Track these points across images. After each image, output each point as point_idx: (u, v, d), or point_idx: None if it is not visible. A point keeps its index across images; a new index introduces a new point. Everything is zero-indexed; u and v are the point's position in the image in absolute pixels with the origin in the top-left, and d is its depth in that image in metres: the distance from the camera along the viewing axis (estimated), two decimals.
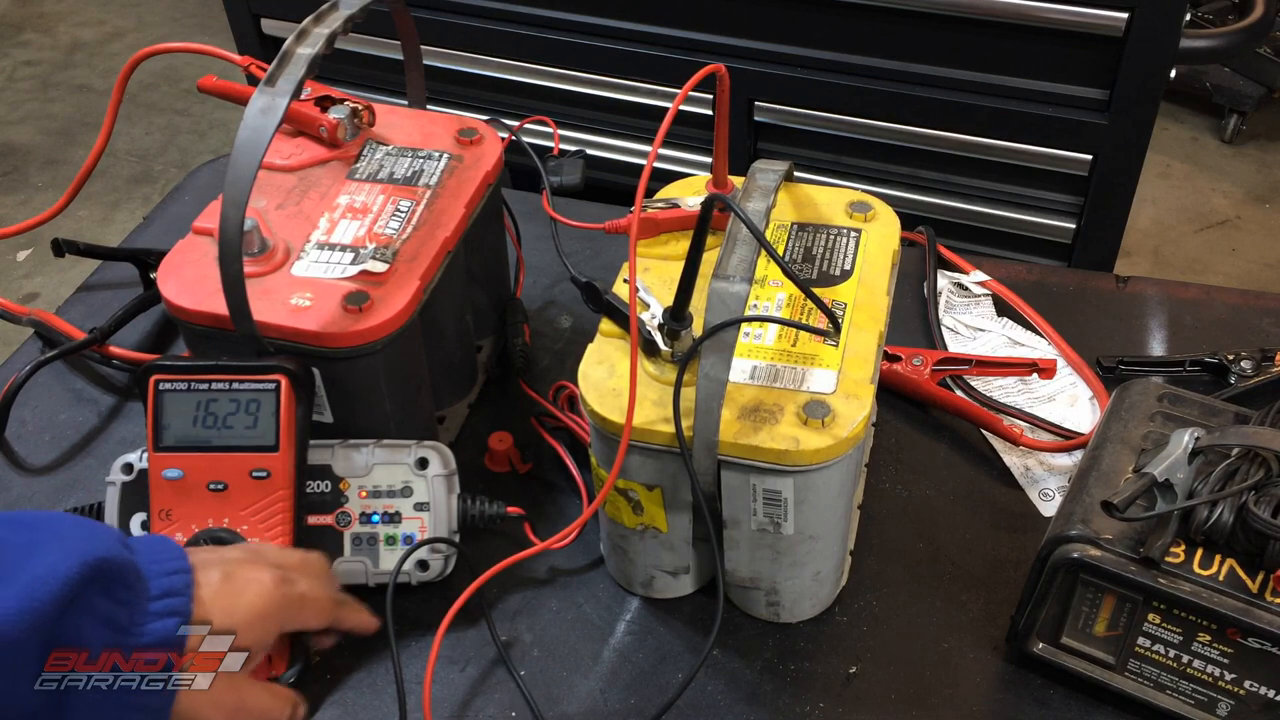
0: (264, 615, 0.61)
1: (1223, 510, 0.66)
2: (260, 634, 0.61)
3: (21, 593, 0.49)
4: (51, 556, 0.51)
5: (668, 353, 0.73)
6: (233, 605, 0.59)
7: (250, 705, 0.62)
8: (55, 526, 0.54)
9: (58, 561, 0.51)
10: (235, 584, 0.60)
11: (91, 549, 0.52)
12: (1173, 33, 1.39)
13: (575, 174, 1.03)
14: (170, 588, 0.56)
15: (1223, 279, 2.42)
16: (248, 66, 0.95)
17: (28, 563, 0.51)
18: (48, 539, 0.52)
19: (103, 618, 0.52)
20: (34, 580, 0.50)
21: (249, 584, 0.61)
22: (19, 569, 0.50)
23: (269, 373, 0.75)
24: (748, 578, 0.78)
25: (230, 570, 0.61)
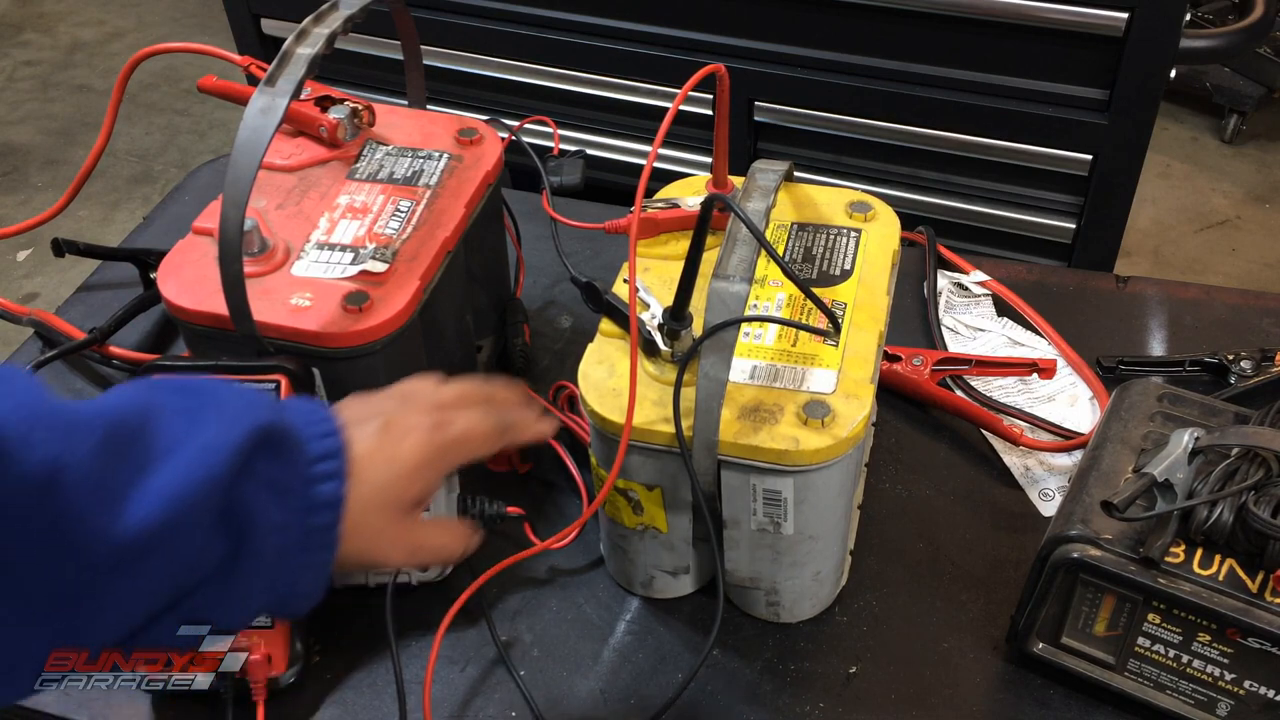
0: (424, 464, 0.62)
1: (1222, 510, 0.66)
2: (425, 481, 0.62)
3: (195, 462, 0.50)
4: (218, 425, 0.51)
5: (668, 353, 0.73)
6: (392, 456, 0.60)
7: (427, 543, 0.64)
8: (216, 394, 0.54)
9: (226, 429, 0.51)
10: (392, 435, 0.61)
11: (254, 416, 0.53)
12: (1173, 33, 1.39)
13: (575, 174, 1.03)
14: (327, 450, 0.56)
15: (1223, 279, 2.42)
16: (248, 66, 0.95)
17: (195, 431, 0.51)
18: (210, 406, 0.52)
19: (269, 483, 0.53)
20: (204, 448, 0.50)
21: (406, 434, 0.62)
22: (187, 438, 0.50)
23: (269, 373, 0.75)
24: (748, 578, 0.78)
25: (388, 422, 0.62)
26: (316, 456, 0.56)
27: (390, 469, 0.60)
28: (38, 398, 0.47)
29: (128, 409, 0.50)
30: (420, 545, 0.63)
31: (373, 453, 0.60)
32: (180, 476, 0.49)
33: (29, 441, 0.45)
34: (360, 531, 0.58)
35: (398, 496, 0.60)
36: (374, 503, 0.59)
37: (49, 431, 0.46)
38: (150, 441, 0.50)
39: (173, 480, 0.49)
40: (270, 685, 0.75)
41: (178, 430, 0.51)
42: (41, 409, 0.47)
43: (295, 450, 0.55)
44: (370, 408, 0.63)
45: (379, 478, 0.59)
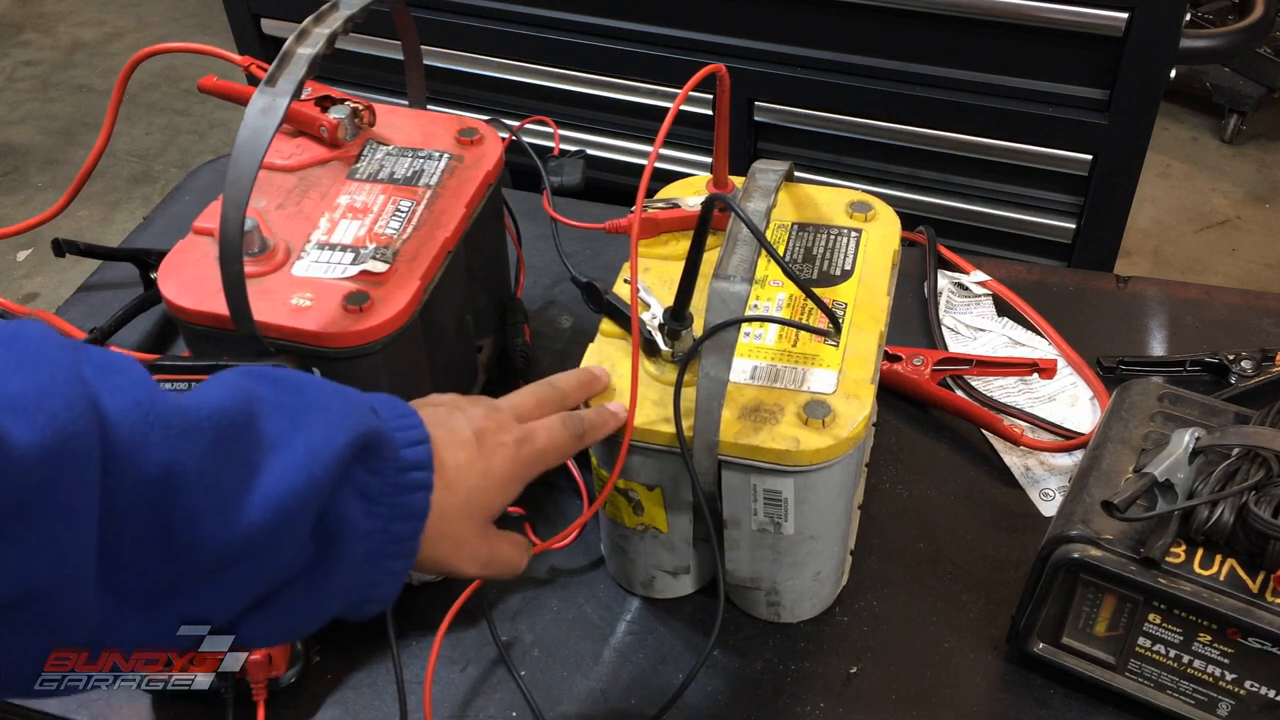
0: (511, 477, 0.63)
1: (1223, 510, 0.66)
2: (510, 492, 0.64)
3: (301, 467, 0.50)
4: (322, 429, 0.51)
5: (668, 353, 0.73)
6: (487, 470, 0.62)
7: (499, 556, 0.65)
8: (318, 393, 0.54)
9: (330, 435, 0.51)
10: (485, 449, 0.62)
11: (355, 422, 0.53)
12: (1173, 33, 1.39)
13: (575, 174, 1.03)
14: (418, 459, 0.56)
15: (1223, 279, 2.42)
16: (248, 66, 0.95)
17: (297, 431, 0.51)
18: (313, 408, 0.52)
19: (361, 490, 0.53)
20: (309, 453, 0.50)
21: (497, 449, 0.63)
22: (291, 438, 0.50)
23: None
24: (748, 578, 0.78)
25: (480, 431, 0.63)
26: (408, 465, 0.56)
27: (482, 481, 0.61)
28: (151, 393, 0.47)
29: (232, 406, 0.50)
30: (495, 557, 0.64)
31: (467, 463, 0.61)
32: (285, 482, 0.49)
33: (148, 442, 0.45)
34: (443, 540, 0.59)
35: (484, 507, 0.62)
36: (461, 513, 0.60)
37: (165, 432, 0.46)
38: (256, 440, 0.50)
39: (279, 485, 0.49)
40: (270, 685, 0.75)
41: (281, 428, 0.51)
42: (156, 407, 0.46)
43: (388, 457, 0.55)
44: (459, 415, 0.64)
45: (469, 488, 0.60)
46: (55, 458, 0.41)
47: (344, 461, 0.51)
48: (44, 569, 0.42)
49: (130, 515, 0.45)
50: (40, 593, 0.42)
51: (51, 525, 0.42)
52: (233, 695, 0.74)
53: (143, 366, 0.49)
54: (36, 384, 0.42)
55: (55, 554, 0.42)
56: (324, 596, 0.53)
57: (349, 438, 0.52)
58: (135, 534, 0.45)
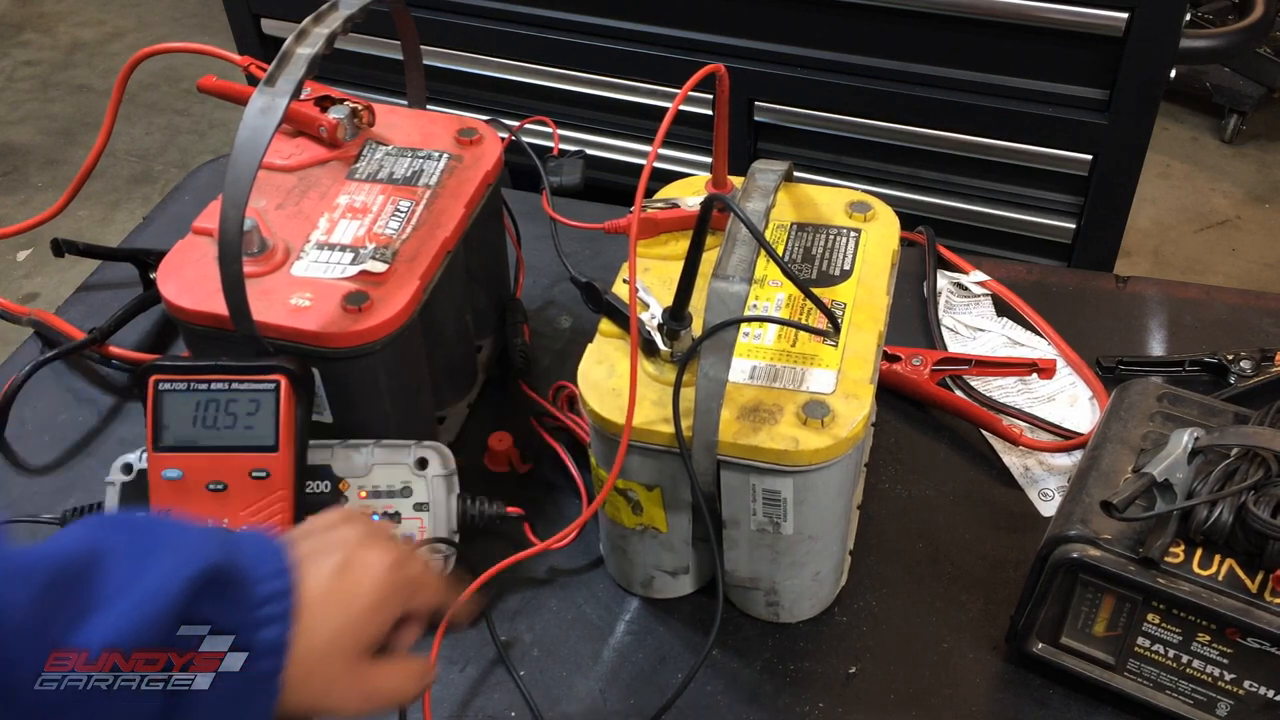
0: (381, 604, 0.58)
1: (1222, 510, 0.66)
2: (381, 622, 0.59)
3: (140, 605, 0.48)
4: (164, 567, 0.50)
5: (667, 353, 0.73)
6: (351, 597, 0.57)
7: (381, 689, 0.60)
8: (166, 535, 0.52)
9: (171, 573, 0.50)
10: (352, 573, 0.58)
11: (203, 558, 0.51)
12: (1173, 33, 1.39)
13: (575, 174, 1.03)
14: (275, 591, 0.53)
15: (1223, 279, 2.42)
16: (248, 66, 0.95)
17: (142, 573, 0.49)
18: (158, 547, 0.51)
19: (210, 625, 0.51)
20: (147, 592, 0.49)
21: (365, 571, 0.58)
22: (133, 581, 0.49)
23: (269, 373, 0.75)
24: (747, 578, 0.78)
25: (347, 558, 0.58)
26: (263, 599, 0.53)
27: (348, 611, 0.57)
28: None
29: (75, 553, 0.49)
30: (376, 691, 0.59)
31: (329, 594, 0.56)
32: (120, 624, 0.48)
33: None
34: (311, 679, 0.54)
35: (354, 641, 0.57)
36: (327, 649, 0.55)
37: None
38: (94, 588, 0.48)
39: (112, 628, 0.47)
40: None
41: (125, 574, 0.49)
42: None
43: (242, 591, 0.52)
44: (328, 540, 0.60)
45: (336, 621, 0.56)
46: None
47: (186, 597, 0.49)
48: None
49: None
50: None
51: None
52: None
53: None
54: None
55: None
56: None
57: (194, 571, 0.50)
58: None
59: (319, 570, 0.57)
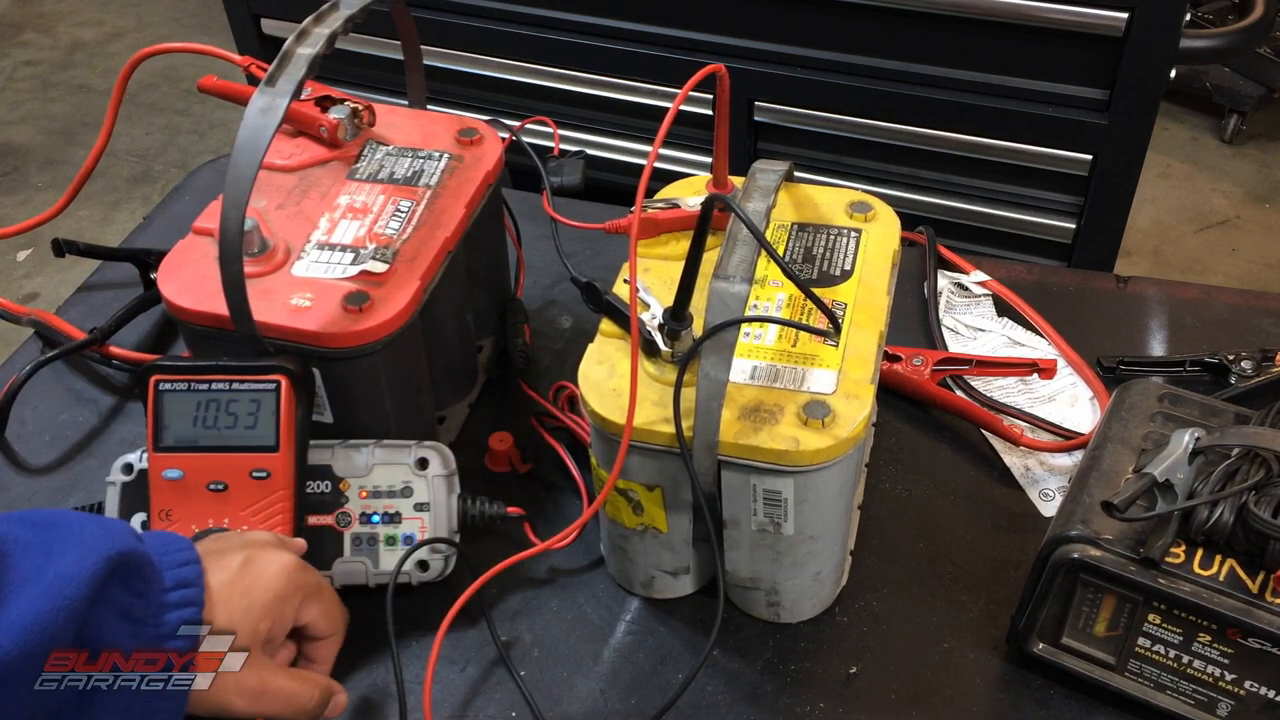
0: (284, 596, 0.61)
1: (1223, 510, 0.66)
2: (279, 616, 0.61)
3: (51, 591, 0.50)
4: (73, 554, 0.51)
5: (668, 353, 0.73)
6: (253, 587, 0.59)
7: (274, 689, 0.60)
8: (71, 524, 0.54)
9: (80, 558, 0.51)
10: (256, 567, 0.60)
11: (109, 544, 0.52)
12: (1173, 33, 1.39)
13: (575, 174, 1.03)
14: (183, 579, 0.56)
15: (1223, 279, 2.42)
16: (248, 66, 0.95)
17: (50, 562, 0.51)
18: (67, 537, 0.52)
19: (122, 612, 0.53)
20: (60, 579, 0.50)
21: (269, 564, 0.61)
22: (43, 569, 0.51)
23: (269, 373, 0.75)
24: (748, 578, 0.78)
25: (252, 554, 0.61)
26: (171, 585, 0.55)
27: (245, 600, 0.59)
28: None
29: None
30: (266, 690, 0.60)
31: (229, 583, 0.58)
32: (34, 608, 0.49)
33: None
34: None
35: (249, 632, 0.58)
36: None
37: None
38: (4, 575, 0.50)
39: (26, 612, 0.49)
40: None
41: (33, 563, 0.51)
42: None
43: (150, 578, 0.54)
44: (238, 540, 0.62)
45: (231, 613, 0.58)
46: None
47: (98, 580, 0.51)
48: None
49: None
50: None
51: None
52: None
53: None
54: None
55: None
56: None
57: (102, 556, 0.51)
58: None
59: (222, 563, 0.59)
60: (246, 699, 0.59)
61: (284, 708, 0.61)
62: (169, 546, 0.57)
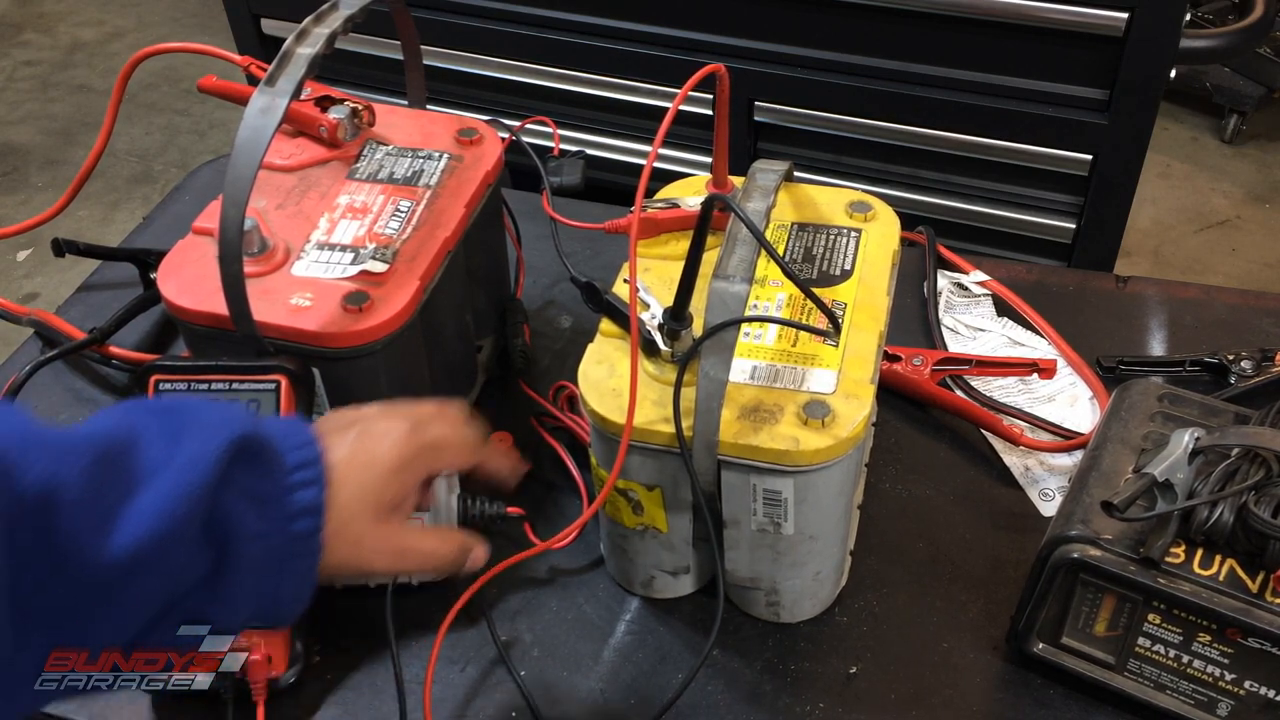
0: (401, 465, 0.63)
1: (1223, 510, 0.66)
2: (403, 483, 0.63)
3: (179, 477, 0.51)
4: (199, 439, 0.53)
5: (668, 353, 0.73)
6: (371, 460, 0.62)
7: (412, 547, 0.64)
8: (194, 410, 0.55)
9: (205, 442, 0.53)
10: (370, 440, 0.62)
11: (232, 428, 0.54)
12: (1173, 33, 1.39)
13: (575, 174, 1.03)
14: (304, 459, 0.57)
15: (1223, 279, 2.42)
16: (248, 66, 0.95)
17: (178, 448, 0.52)
18: (190, 423, 0.54)
19: (248, 494, 0.54)
20: (186, 463, 0.52)
21: (383, 438, 0.63)
22: (171, 455, 0.52)
23: (269, 373, 0.75)
24: (748, 578, 0.78)
25: (365, 428, 0.63)
26: (294, 465, 0.57)
27: (368, 473, 0.61)
28: (29, 423, 0.49)
29: (114, 432, 0.52)
30: (406, 549, 0.63)
31: (350, 458, 0.61)
32: (164, 494, 0.51)
33: (26, 462, 0.47)
34: (342, 537, 0.59)
35: (376, 499, 0.61)
36: (354, 507, 0.60)
37: (43, 452, 0.48)
38: (135, 462, 0.51)
39: (158, 498, 0.50)
40: (270, 685, 0.75)
41: (161, 451, 0.52)
42: (34, 433, 0.49)
43: (273, 460, 0.56)
44: (347, 418, 0.64)
45: (357, 482, 0.60)
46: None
47: (222, 464, 0.53)
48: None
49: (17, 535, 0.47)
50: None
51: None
52: (233, 695, 0.74)
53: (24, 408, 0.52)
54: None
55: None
56: (230, 600, 0.55)
57: (224, 440, 0.53)
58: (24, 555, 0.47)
59: (339, 439, 0.61)
60: (387, 559, 0.62)
61: (424, 564, 0.65)
62: (288, 429, 0.59)
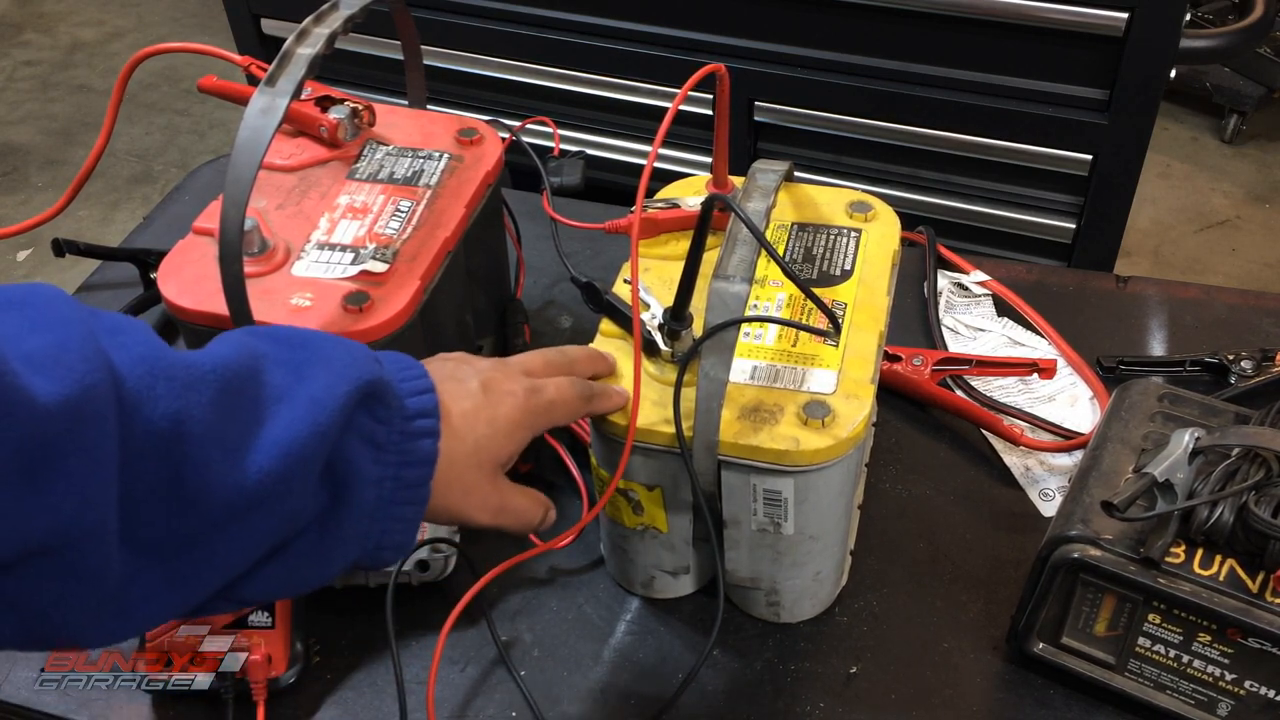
0: (518, 425, 0.64)
1: (1223, 510, 0.66)
2: (518, 441, 0.65)
3: (305, 415, 0.51)
4: (324, 378, 0.53)
5: (668, 353, 0.73)
6: (492, 417, 0.63)
7: (511, 506, 0.65)
8: (320, 345, 0.55)
9: (332, 384, 0.52)
10: (492, 397, 0.63)
11: (358, 371, 0.54)
12: (1173, 33, 1.39)
13: (575, 174, 1.03)
14: (423, 407, 0.57)
15: (1223, 279, 2.42)
16: (248, 66, 0.95)
17: (301, 383, 0.52)
18: (315, 359, 0.54)
19: (367, 437, 0.54)
20: (313, 401, 0.51)
21: (504, 398, 0.64)
22: (295, 389, 0.52)
23: None
24: (748, 578, 0.78)
25: (486, 382, 0.64)
26: (413, 413, 0.57)
27: (489, 429, 0.62)
28: (157, 349, 0.48)
29: (236, 360, 0.51)
30: (506, 506, 0.65)
31: (473, 411, 0.62)
32: (291, 430, 0.50)
33: (154, 394, 0.47)
34: (452, 487, 0.60)
35: (493, 455, 0.63)
36: (469, 460, 0.61)
37: (170, 384, 0.47)
38: (260, 392, 0.51)
39: (285, 433, 0.50)
40: (270, 685, 0.75)
41: (285, 381, 0.52)
42: (161, 362, 0.48)
43: (393, 405, 0.56)
44: (466, 368, 0.65)
45: (476, 435, 0.61)
46: (76, 410, 0.43)
47: (348, 409, 0.53)
48: (71, 515, 0.43)
49: (142, 466, 0.46)
50: (69, 539, 0.44)
51: (76, 473, 0.43)
52: (233, 695, 0.74)
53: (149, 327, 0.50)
54: (54, 342, 0.44)
55: (81, 501, 0.43)
56: (338, 544, 0.54)
57: (352, 385, 0.53)
58: (148, 485, 0.46)
59: (461, 389, 0.62)
60: (489, 514, 0.63)
61: (516, 521, 0.66)
62: (406, 373, 0.59)
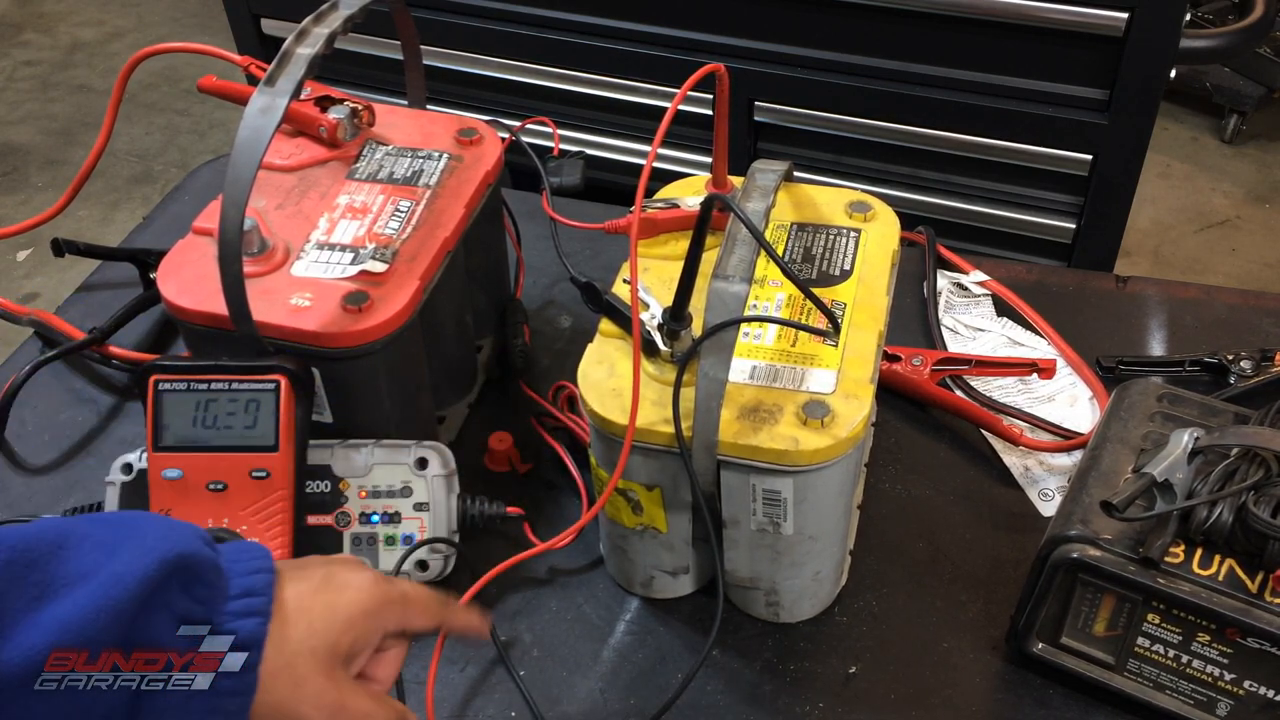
0: (365, 613, 0.58)
1: (1222, 510, 0.66)
2: (362, 632, 0.58)
3: (98, 591, 0.48)
4: (130, 554, 0.50)
5: (667, 353, 0.73)
6: (334, 602, 0.57)
7: (352, 707, 0.58)
8: (139, 525, 0.52)
9: (136, 559, 0.49)
10: (335, 583, 0.58)
11: (171, 547, 0.50)
12: (1173, 33, 1.39)
13: (575, 175, 1.04)
14: (251, 587, 0.53)
15: (1223, 279, 2.42)
16: (248, 66, 0.95)
17: (108, 561, 0.49)
18: (130, 536, 0.51)
19: (179, 617, 0.51)
20: (111, 578, 0.48)
21: (348, 583, 0.58)
22: (99, 567, 0.49)
23: (269, 373, 0.75)
24: (747, 578, 0.78)
25: (331, 571, 0.59)
26: (239, 592, 0.53)
27: (326, 616, 0.56)
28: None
29: (42, 535, 0.49)
30: (345, 706, 0.57)
31: (309, 595, 0.56)
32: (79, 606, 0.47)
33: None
34: (279, 677, 0.53)
35: (330, 645, 0.56)
36: (301, 648, 0.55)
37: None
38: (58, 570, 0.48)
39: (70, 610, 0.47)
40: None
41: (92, 560, 0.49)
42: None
43: (216, 584, 0.52)
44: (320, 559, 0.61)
45: (311, 622, 0.56)
46: None
47: (150, 583, 0.49)
48: None
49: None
50: None
51: None
52: None
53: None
54: None
55: None
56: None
57: (159, 558, 0.49)
58: None
59: (301, 574, 0.57)
60: (323, 714, 0.56)
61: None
62: (243, 554, 0.55)
